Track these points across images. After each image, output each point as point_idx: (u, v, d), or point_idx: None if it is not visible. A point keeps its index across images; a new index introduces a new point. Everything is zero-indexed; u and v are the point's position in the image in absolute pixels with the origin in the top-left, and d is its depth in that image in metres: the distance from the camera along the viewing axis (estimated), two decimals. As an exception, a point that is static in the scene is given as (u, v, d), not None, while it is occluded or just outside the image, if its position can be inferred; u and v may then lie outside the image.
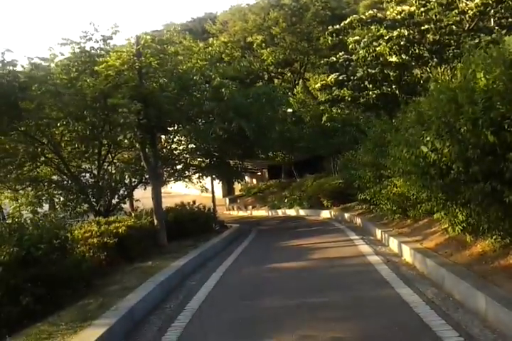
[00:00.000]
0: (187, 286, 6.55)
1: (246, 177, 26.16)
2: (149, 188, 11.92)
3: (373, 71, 16.14)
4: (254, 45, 28.89)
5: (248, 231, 14.98)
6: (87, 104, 11.08)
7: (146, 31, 10.32)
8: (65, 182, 13.98)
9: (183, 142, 14.23)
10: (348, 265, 7.22)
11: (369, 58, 15.79)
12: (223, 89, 11.22)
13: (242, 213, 26.23)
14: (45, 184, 14.32)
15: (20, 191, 15.22)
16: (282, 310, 4.97)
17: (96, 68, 9.61)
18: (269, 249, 10.13)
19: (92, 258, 7.69)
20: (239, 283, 6.53)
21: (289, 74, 33.43)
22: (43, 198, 14.44)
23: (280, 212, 22.38)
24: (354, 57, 16.87)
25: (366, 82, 16.57)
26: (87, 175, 14.31)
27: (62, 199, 14.11)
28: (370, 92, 16.68)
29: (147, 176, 12.49)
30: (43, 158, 13.86)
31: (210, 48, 12.44)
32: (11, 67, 9.19)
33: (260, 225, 17.42)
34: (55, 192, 14.29)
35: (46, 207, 14.38)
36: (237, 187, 31.08)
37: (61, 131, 12.95)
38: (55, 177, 14.47)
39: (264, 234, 14.23)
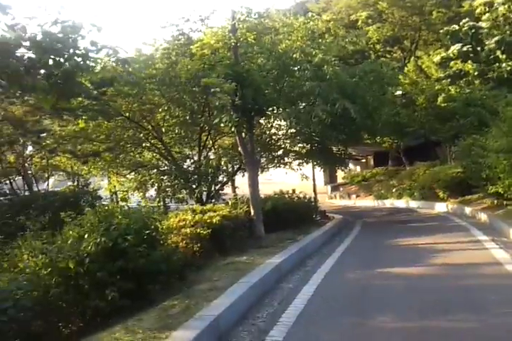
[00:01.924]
0: (283, 290, 5.73)
1: (349, 165, 24.78)
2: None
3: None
4: (359, 22, 26.95)
5: (352, 224, 13.79)
6: (186, 88, 10.81)
7: (243, 5, 9.29)
8: (167, 168, 14.10)
9: (282, 127, 13.44)
10: (482, 276, 5.82)
11: (512, 16, 13.10)
12: (325, 67, 10.09)
13: (345, 202, 24.97)
14: (149, 169, 14.62)
15: (127, 176, 15.82)
16: (399, 335, 3.93)
17: (192, 47, 9.13)
18: (377, 248, 8.91)
19: (185, 249, 7.31)
20: (343, 292, 5.53)
21: (398, 53, 31.00)
22: (148, 184, 14.72)
23: (387, 203, 20.76)
24: (485, 22, 14.12)
25: (499, 52, 13.98)
26: (188, 160, 14.32)
27: (163, 184, 14.23)
28: (504, 64, 14.04)
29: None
30: (147, 144, 14.14)
31: (311, 23, 11.31)
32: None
33: (365, 217, 16.08)
34: (159, 178, 14.43)
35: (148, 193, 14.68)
36: (340, 174, 29.77)
37: (163, 116, 12.98)
38: (158, 163, 14.71)
39: (370, 228, 12.94)
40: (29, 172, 16.44)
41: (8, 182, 15.87)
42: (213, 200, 12.60)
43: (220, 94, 7.95)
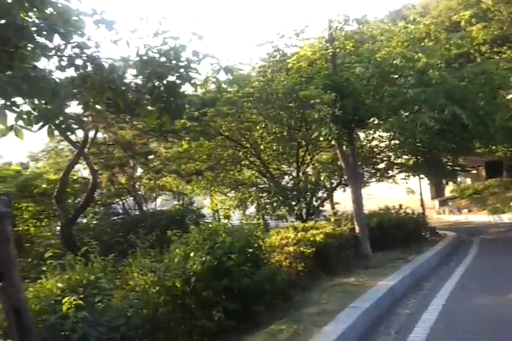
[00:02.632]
0: (399, 316, 5.17)
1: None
2: (349, 190, 10.90)
3: None
4: (462, 22, 25.15)
5: (468, 242, 12.50)
6: (282, 104, 10.77)
7: (340, 14, 9.01)
8: (266, 185, 14.12)
9: (384, 138, 12.74)
10: None
11: None
12: (430, 71, 9.36)
13: (455, 218, 23.02)
14: (248, 187, 14.77)
15: (228, 194, 16.16)
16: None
17: (288, 61, 9.06)
18: (505, 270, 7.78)
19: (288, 268, 7.04)
20: (471, 321, 4.82)
21: (507, 53, 28.38)
22: (248, 201, 14.83)
23: (505, 218, 18.73)
24: None
25: None
26: (286, 177, 14.22)
27: (263, 202, 14.25)
28: None
29: (345, 177, 11.51)
30: (246, 162, 14.33)
31: (412, 27, 10.65)
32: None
33: (482, 234, 14.52)
34: (258, 195, 14.48)
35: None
36: (447, 187, 27.64)
37: (260, 133, 13.07)
38: (257, 180, 14.83)
39: (490, 247, 11.58)
40: (139, 192, 17.53)
41: (120, 202, 17.04)
42: (313, 217, 12.27)
43: (320, 105, 7.68)
